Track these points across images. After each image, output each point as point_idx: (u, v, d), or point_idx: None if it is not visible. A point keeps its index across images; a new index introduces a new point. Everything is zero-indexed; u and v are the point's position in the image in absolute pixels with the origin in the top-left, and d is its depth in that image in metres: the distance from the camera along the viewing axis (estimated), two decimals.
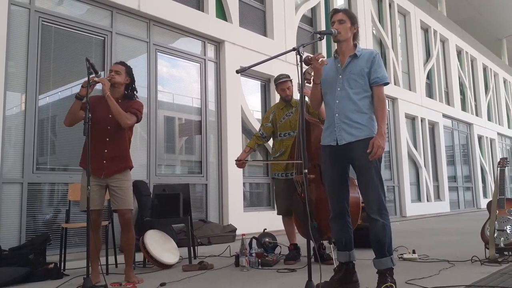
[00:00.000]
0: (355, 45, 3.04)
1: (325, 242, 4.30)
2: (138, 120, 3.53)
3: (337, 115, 2.95)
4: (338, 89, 2.98)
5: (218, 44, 7.56)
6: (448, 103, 15.22)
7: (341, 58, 3.04)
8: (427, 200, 12.76)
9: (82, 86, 3.32)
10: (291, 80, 4.39)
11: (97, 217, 3.45)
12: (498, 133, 19.02)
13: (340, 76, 2.99)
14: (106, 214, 4.04)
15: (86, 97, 3.25)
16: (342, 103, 2.95)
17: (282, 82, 4.36)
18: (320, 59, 2.88)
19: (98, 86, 3.46)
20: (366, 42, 10.82)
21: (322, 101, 3.15)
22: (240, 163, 4.30)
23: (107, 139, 3.44)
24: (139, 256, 4.13)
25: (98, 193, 3.42)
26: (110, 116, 3.41)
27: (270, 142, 4.67)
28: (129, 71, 3.60)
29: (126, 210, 3.44)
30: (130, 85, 3.62)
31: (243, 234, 4.11)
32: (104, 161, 3.40)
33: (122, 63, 3.64)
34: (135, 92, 3.66)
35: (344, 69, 2.99)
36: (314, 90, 3.11)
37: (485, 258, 3.90)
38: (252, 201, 7.83)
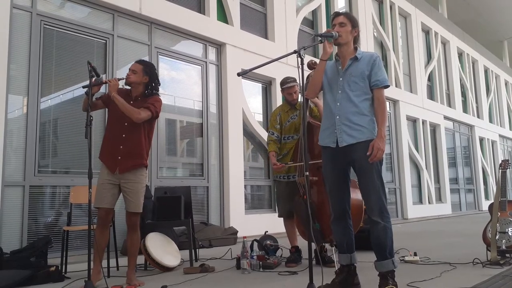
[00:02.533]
0: (355, 48, 3.05)
1: (327, 245, 4.30)
2: (153, 114, 3.47)
3: (337, 117, 2.96)
4: (339, 91, 2.99)
5: (219, 46, 7.57)
6: (449, 105, 15.21)
7: (342, 61, 3.05)
8: (429, 202, 12.74)
9: (84, 86, 3.34)
10: (297, 84, 4.35)
11: (106, 215, 3.46)
12: (500, 135, 19.00)
13: (341, 79, 3.00)
14: None
15: (89, 100, 3.26)
16: (343, 105, 2.96)
17: (288, 87, 4.33)
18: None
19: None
20: (367, 44, 10.83)
21: (321, 89, 3.14)
22: (282, 165, 4.14)
23: (124, 135, 3.45)
24: (140, 259, 4.13)
25: (110, 191, 3.43)
26: None
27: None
28: (147, 70, 3.56)
29: (133, 213, 3.45)
30: (150, 84, 3.58)
31: (245, 237, 4.11)
32: (119, 157, 3.42)
33: (140, 62, 3.62)
34: (154, 91, 3.60)
35: (345, 71, 3.00)
36: (319, 68, 3.06)
37: (486, 260, 3.89)
38: (254, 203, 7.83)
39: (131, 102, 3.47)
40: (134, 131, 3.46)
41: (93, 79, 3.36)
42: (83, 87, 3.36)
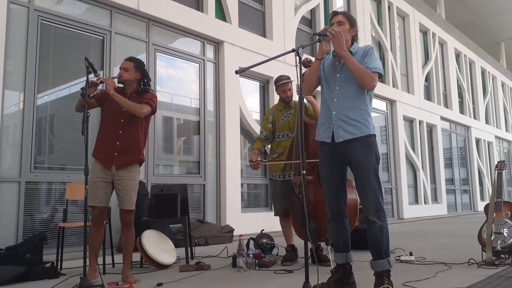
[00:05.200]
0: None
1: (323, 244, 4.31)
2: (153, 109, 3.51)
3: (334, 112, 2.96)
4: (337, 88, 2.98)
5: (217, 44, 7.56)
6: (446, 105, 15.25)
7: (339, 57, 3.04)
8: (425, 203, 12.78)
9: (81, 88, 3.32)
10: (291, 81, 4.39)
11: (100, 214, 3.45)
12: (496, 136, 19.07)
13: (338, 75, 3.00)
14: None
15: (85, 97, 3.25)
16: (340, 101, 2.96)
17: (283, 83, 4.36)
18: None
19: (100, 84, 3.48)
20: (365, 44, 10.82)
21: (315, 87, 3.14)
22: (255, 163, 4.28)
23: (120, 132, 3.44)
24: (136, 256, 4.12)
25: (104, 189, 3.42)
26: (124, 109, 3.42)
27: None
28: (138, 66, 3.57)
29: (127, 210, 3.45)
30: (142, 80, 3.58)
31: (241, 235, 4.11)
32: (116, 153, 3.41)
33: (131, 59, 3.61)
34: (148, 87, 3.61)
35: (342, 66, 2.98)
36: (313, 66, 3.07)
37: (482, 260, 3.90)
38: (250, 202, 7.83)
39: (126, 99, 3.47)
40: (131, 127, 3.47)
41: (90, 78, 3.35)
42: (82, 88, 3.34)
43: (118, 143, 3.42)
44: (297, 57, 2.81)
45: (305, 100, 4.24)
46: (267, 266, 3.99)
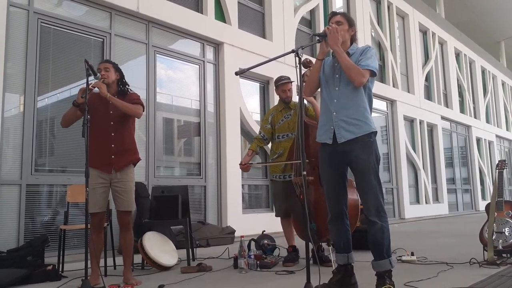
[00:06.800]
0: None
1: (324, 244, 4.30)
2: (143, 109, 3.59)
3: (334, 113, 2.96)
4: (336, 88, 2.99)
5: (217, 45, 7.56)
6: (446, 105, 15.24)
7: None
8: (426, 202, 12.77)
9: (81, 97, 3.31)
10: (291, 82, 4.40)
11: (100, 220, 3.46)
12: (497, 136, 19.05)
13: (337, 76, 3.00)
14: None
15: (85, 101, 3.25)
16: (340, 102, 2.96)
17: (283, 83, 4.37)
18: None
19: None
20: (364, 44, 10.82)
21: (317, 88, 3.14)
22: (245, 166, 4.29)
23: (112, 134, 3.45)
24: (138, 258, 4.12)
25: (103, 195, 3.43)
26: (111, 112, 3.43)
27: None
28: (116, 67, 3.61)
29: (126, 212, 3.45)
30: (121, 80, 3.61)
31: (242, 236, 4.10)
32: (113, 156, 3.42)
33: (107, 61, 3.65)
34: (127, 87, 3.64)
35: (341, 67, 2.98)
36: (314, 67, 3.08)
37: (483, 260, 3.90)
38: (251, 203, 7.83)
39: (110, 102, 3.45)
40: (122, 129, 3.49)
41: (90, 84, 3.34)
42: (82, 96, 3.32)
43: (113, 145, 3.43)
44: (297, 58, 2.81)
45: (305, 101, 4.24)
46: (268, 267, 3.99)
